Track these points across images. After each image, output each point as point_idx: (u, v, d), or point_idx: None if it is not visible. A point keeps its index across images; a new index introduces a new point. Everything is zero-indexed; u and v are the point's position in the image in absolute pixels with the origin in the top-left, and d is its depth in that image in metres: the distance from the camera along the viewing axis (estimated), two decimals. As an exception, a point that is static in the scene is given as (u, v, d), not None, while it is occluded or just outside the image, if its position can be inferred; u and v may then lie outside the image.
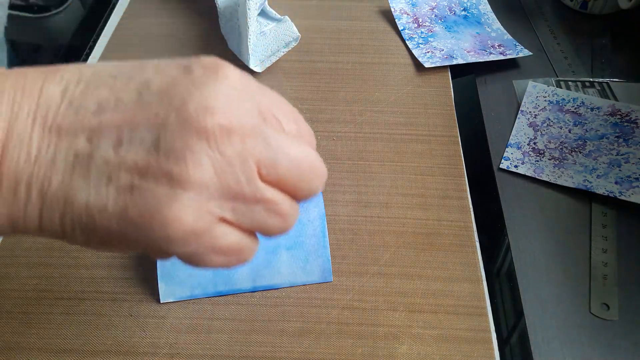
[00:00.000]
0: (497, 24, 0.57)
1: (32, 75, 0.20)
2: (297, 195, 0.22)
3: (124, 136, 0.19)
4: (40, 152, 0.19)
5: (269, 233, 0.22)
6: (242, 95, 0.20)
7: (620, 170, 0.43)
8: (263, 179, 0.21)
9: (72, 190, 0.19)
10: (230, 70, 0.20)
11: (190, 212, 0.19)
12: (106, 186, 0.19)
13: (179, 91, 0.19)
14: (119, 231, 0.20)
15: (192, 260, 0.21)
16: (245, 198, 0.20)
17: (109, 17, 0.60)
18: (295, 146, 0.21)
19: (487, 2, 0.60)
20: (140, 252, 0.22)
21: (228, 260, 0.22)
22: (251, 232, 0.22)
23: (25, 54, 0.66)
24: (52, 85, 0.20)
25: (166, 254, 0.21)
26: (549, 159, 0.44)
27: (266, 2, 0.50)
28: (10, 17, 0.58)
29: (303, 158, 0.21)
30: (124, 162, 0.19)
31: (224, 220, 0.21)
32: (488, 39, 0.55)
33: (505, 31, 0.56)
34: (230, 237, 0.21)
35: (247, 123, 0.20)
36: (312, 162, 0.22)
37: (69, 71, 0.21)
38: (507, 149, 0.46)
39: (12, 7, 0.57)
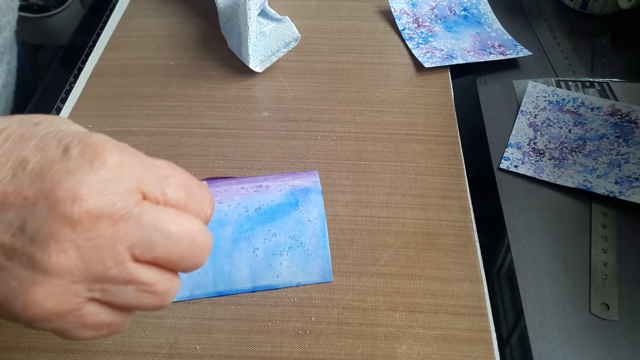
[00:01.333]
0: (497, 24, 0.57)
1: None
2: (179, 269, 0.22)
3: None
4: None
5: (143, 310, 0.22)
6: (118, 179, 0.20)
7: (620, 170, 0.43)
8: (138, 259, 0.20)
9: None
10: (109, 153, 0.20)
11: (51, 296, 0.19)
12: None
13: (52, 175, 0.19)
14: None
15: (61, 334, 0.21)
16: (115, 280, 0.20)
17: (109, 17, 0.60)
18: (174, 222, 0.21)
19: (487, 2, 0.60)
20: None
21: (98, 334, 0.22)
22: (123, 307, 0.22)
23: (25, 54, 0.66)
24: None
25: (33, 328, 0.21)
26: (549, 159, 0.44)
27: (266, 2, 0.50)
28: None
29: (182, 234, 0.21)
30: None
31: (93, 299, 0.21)
32: (488, 39, 0.55)
33: (505, 31, 0.56)
34: (100, 315, 0.21)
35: (118, 207, 0.20)
36: (193, 237, 0.21)
37: None
38: (507, 149, 0.46)
39: (12, 7, 0.57)
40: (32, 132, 0.21)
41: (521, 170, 0.44)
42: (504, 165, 0.45)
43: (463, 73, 0.53)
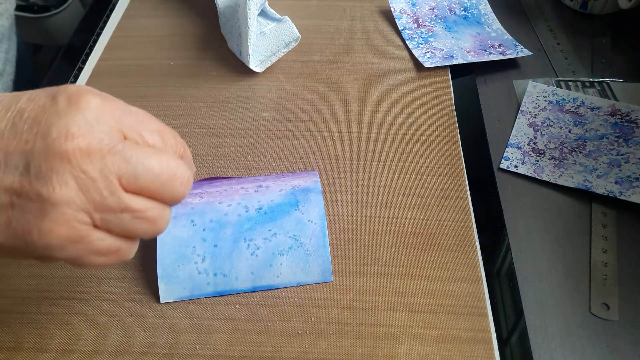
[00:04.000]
0: (497, 24, 0.57)
1: None
2: (164, 200, 0.25)
3: (1, 162, 0.22)
4: None
5: (140, 236, 0.25)
6: (101, 120, 0.23)
7: (620, 170, 0.43)
8: (127, 189, 0.23)
9: None
10: (91, 98, 0.23)
11: (60, 223, 0.22)
12: None
13: (45, 119, 0.22)
14: (6, 242, 0.23)
15: (75, 262, 0.24)
16: (111, 208, 0.23)
17: (109, 17, 0.60)
18: (154, 158, 0.24)
19: (487, 2, 0.60)
20: (28, 259, 0.24)
21: (108, 260, 0.25)
22: (125, 235, 0.25)
23: (25, 53, 0.66)
24: None
25: (51, 259, 0.24)
26: (549, 159, 0.44)
27: (266, 2, 0.50)
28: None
29: (162, 168, 0.24)
30: (2, 184, 0.22)
31: (98, 227, 0.24)
32: (488, 39, 0.55)
33: (505, 31, 0.56)
34: (106, 241, 0.24)
35: (105, 143, 0.23)
36: (172, 171, 0.24)
37: None
38: (507, 149, 0.46)
39: (12, 7, 0.57)
40: (24, 92, 0.24)
41: (521, 170, 0.44)
42: (504, 165, 0.45)
43: (463, 73, 0.53)
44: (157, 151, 0.24)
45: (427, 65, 0.52)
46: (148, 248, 0.39)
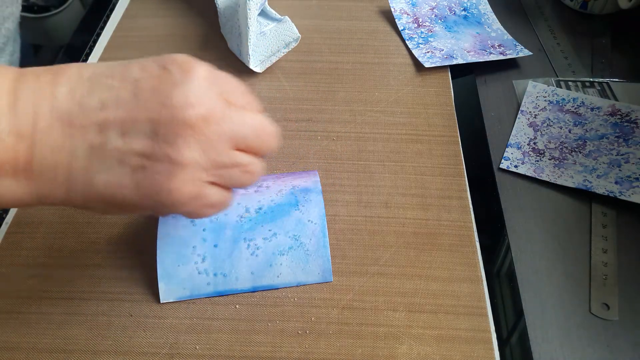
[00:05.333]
0: (497, 24, 0.57)
1: (44, 78, 0.25)
2: (261, 153, 0.28)
3: (128, 128, 0.24)
4: (62, 143, 0.24)
5: (241, 187, 0.29)
6: (211, 88, 0.26)
7: (620, 170, 0.43)
8: (237, 148, 0.27)
9: (91, 173, 0.25)
10: (199, 68, 0.26)
11: (188, 182, 0.25)
12: (120, 167, 0.25)
13: (164, 89, 0.25)
14: (135, 200, 0.25)
15: (192, 214, 0.27)
16: (226, 165, 0.26)
17: (109, 17, 0.60)
18: (250, 117, 0.27)
19: (487, 2, 0.60)
20: (149, 213, 0.27)
21: (215, 210, 0.28)
22: (229, 187, 0.28)
23: (25, 53, 0.66)
24: (61, 86, 0.25)
25: (171, 213, 0.27)
26: (549, 159, 0.44)
27: (266, 2, 0.50)
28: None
29: (258, 125, 0.28)
30: (131, 148, 0.25)
31: (211, 183, 0.27)
32: (488, 39, 0.55)
33: (505, 31, 0.56)
34: (217, 194, 0.27)
35: (218, 109, 0.26)
36: (265, 128, 0.28)
37: (72, 73, 0.25)
38: (507, 149, 0.46)
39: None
40: (130, 62, 0.26)
41: (521, 170, 0.44)
42: (504, 165, 0.45)
43: (463, 73, 0.53)
44: (252, 111, 0.28)
45: (427, 65, 0.52)
46: (148, 248, 0.39)
